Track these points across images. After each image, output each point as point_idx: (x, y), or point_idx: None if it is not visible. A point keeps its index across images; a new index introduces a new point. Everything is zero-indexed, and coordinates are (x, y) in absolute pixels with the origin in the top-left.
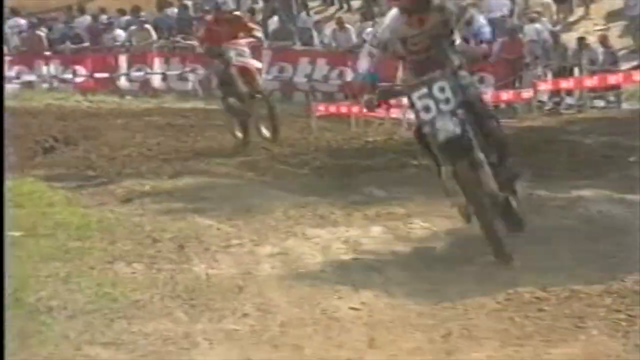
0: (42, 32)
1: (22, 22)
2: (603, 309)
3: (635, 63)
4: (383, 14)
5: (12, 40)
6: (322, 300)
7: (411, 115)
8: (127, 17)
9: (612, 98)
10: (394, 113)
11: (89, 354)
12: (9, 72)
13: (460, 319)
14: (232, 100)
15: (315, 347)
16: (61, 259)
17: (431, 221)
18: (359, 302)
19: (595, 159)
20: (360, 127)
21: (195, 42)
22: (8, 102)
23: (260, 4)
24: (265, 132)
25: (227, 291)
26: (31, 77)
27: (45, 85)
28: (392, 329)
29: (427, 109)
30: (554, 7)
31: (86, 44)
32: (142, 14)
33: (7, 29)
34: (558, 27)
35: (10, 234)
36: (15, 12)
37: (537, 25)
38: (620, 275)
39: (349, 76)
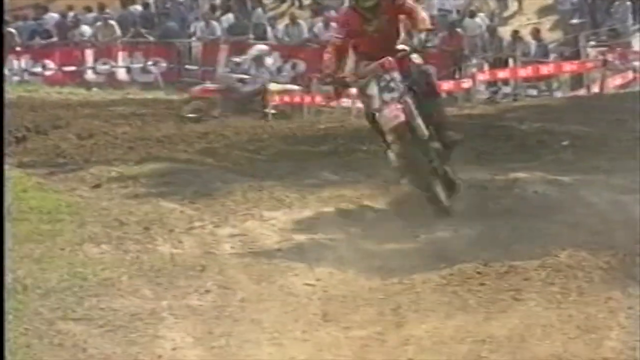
0: (13, 29)
1: None
2: (539, 283)
3: (565, 54)
4: (332, 9)
5: None
6: (279, 277)
7: (360, 104)
8: (93, 14)
9: (544, 87)
10: (344, 102)
11: (62, 329)
12: None
13: (408, 293)
14: None
15: (272, 320)
16: (34, 241)
17: (380, 202)
18: (314, 279)
19: (531, 144)
20: (312, 115)
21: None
22: None
23: (217, 1)
24: None
25: (190, 270)
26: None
27: (16, 78)
28: (344, 303)
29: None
30: (491, 3)
31: (54, 39)
32: (107, 10)
33: None
34: (494, 22)
35: None
36: None
37: (477, 20)
38: (554, 250)
39: (301, 68)
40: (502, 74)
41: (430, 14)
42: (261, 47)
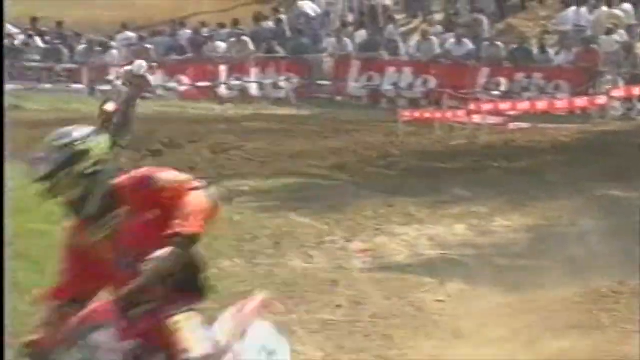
0: (150, 45)
1: (132, 35)
2: None
3: None
4: (464, 26)
5: (122, 52)
6: (409, 293)
7: (492, 121)
8: (226, 30)
9: None
10: (475, 118)
11: None
12: (119, 81)
13: (540, 311)
14: None
15: (403, 337)
16: None
17: (512, 219)
18: (445, 295)
19: None
20: (443, 131)
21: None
22: None
23: (350, 18)
24: None
25: (321, 284)
26: None
27: (149, 94)
28: (475, 320)
29: None
30: (630, 20)
31: (189, 55)
32: (241, 27)
33: (117, 42)
34: (632, 38)
35: None
36: (124, 27)
37: (613, 36)
38: None
39: (432, 84)
40: (637, 90)
41: (565, 29)
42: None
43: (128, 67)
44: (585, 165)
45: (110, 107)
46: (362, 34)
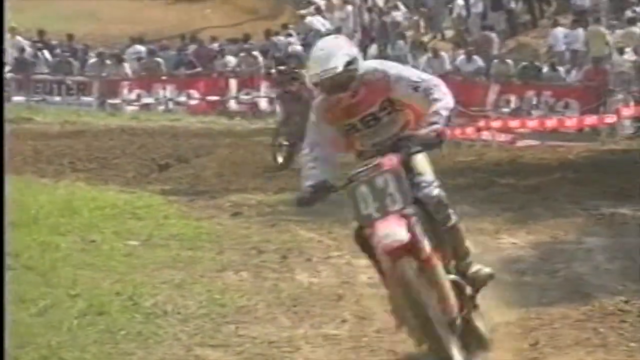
0: (160, 59)
1: (142, 48)
2: None
3: None
4: (474, 44)
5: (132, 66)
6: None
7: (501, 138)
8: (237, 45)
9: None
10: (484, 135)
11: (199, 355)
12: (129, 95)
13: (546, 329)
14: None
15: (408, 352)
16: (175, 267)
17: (518, 236)
18: None
19: None
20: (450, 148)
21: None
22: (127, 123)
23: (358, 35)
24: None
25: (327, 299)
26: (149, 100)
27: (161, 108)
28: None
29: None
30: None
31: (199, 69)
32: (251, 41)
33: (127, 55)
34: None
35: (128, 243)
36: (134, 40)
37: (625, 56)
38: None
39: None
40: None
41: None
42: None
43: None
44: (592, 184)
45: None
46: (372, 50)
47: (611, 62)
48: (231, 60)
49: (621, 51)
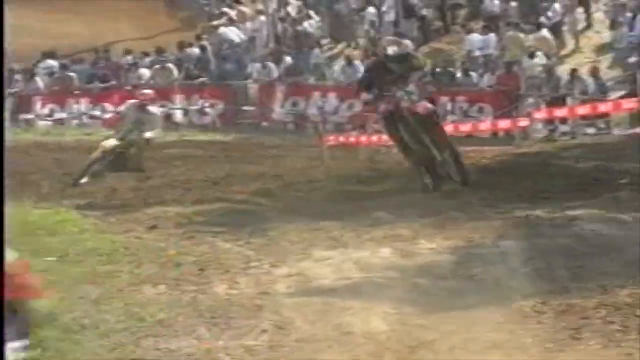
0: (73, 73)
1: (54, 63)
2: (598, 321)
3: (623, 92)
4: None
5: (44, 80)
6: (335, 317)
7: None
8: (150, 58)
9: (602, 125)
10: None
11: None
12: (43, 110)
13: (464, 332)
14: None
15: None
16: (92, 282)
17: (435, 241)
18: (370, 318)
19: (588, 182)
20: (368, 155)
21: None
22: (41, 138)
23: (271, 45)
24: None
25: (246, 310)
26: (63, 115)
27: (75, 122)
28: (401, 343)
29: None
30: (551, 42)
31: (113, 82)
32: (165, 54)
33: (38, 70)
34: (552, 60)
35: (45, 259)
36: (45, 55)
37: (536, 60)
38: (614, 289)
39: (357, 107)
40: (559, 112)
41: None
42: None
43: None
44: (507, 187)
45: None
46: (287, 59)
47: (522, 66)
48: (145, 72)
49: (532, 55)
